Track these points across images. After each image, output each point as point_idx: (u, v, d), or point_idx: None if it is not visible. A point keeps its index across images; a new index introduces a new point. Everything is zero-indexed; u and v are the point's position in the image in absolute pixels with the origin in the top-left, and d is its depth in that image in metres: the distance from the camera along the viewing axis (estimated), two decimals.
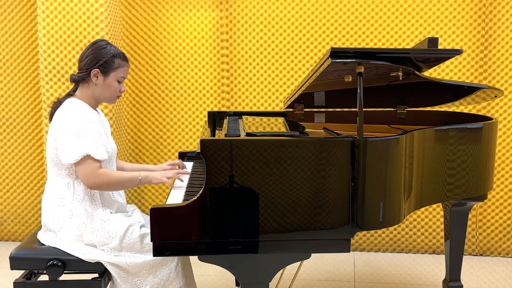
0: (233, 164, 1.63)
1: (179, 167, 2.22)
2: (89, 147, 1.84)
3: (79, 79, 1.96)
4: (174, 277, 1.93)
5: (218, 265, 1.72)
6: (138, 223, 1.96)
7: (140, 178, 1.92)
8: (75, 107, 1.91)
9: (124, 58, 1.99)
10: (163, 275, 1.91)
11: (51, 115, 1.97)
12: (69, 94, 2.00)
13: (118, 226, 1.89)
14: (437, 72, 3.15)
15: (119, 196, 2.08)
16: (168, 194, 1.92)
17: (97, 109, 2.07)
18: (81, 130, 1.85)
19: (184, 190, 1.96)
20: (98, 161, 1.87)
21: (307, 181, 1.66)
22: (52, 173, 1.96)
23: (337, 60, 1.70)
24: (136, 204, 3.46)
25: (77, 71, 2.00)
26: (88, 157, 1.84)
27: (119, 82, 1.98)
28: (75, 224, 1.88)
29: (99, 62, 1.93)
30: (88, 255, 1.86)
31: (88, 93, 1.98)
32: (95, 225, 1.89)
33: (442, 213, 3.23)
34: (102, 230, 1.88)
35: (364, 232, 3.29)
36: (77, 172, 1.88)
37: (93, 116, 1.95)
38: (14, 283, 1.87)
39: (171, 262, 1.92)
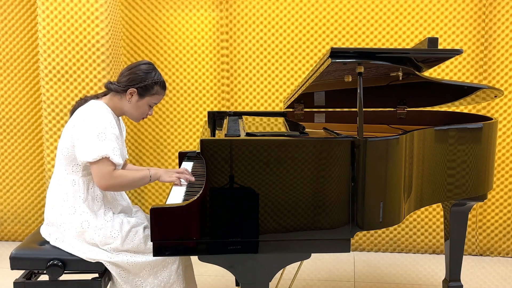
0: (233, 164, 1.63)
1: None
2: (108, 149, 1.84)
3: (114, 90, 1.97)
4: (175, 279, 1.92)
5: (218, 265, 1.72)
6: (142, 224, 1.96)
7: (150, 175, 1.93)
8: (99, 109, 1.91)
9: (163, 87, 2.01)
10: (163, 277, 1.90)
11: (73, 110, 1.98)
12: (97, 97, 2.01)
13: (120, 226, 1.89)
14: (437, 72, 3.15)
15: (122, 199, 2.08)
16: (168, 194, 1.92)
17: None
18: (102, 133, 1.85)
19: (184, 190, 1.96)
20: (114, 164, 1.87)
21: (307, 181, 1.66)
22: (59, 168, 1.97)
23: (337, 60, 1.70)
24: (136, 204, 3.46)
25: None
26: (106, 159, 1.84)
27: (150, 106, 2.00)
28: (78, 221, 1.89)
29: (140, 84, 1.94)
30: (89, 254, 1.86)
31: (117, 104, 1.99)
32: (98, 224, 1.89)
33: (442, 213, 3.23)
34: (104, 229, 1.88)
35: (364, 232, 3.29)
36: (92, 173, 1.87)
37: (114, 122, 1.95)
38: (14, 283, 1.87)
39: (172, 264, 1.92)
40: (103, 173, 1.84)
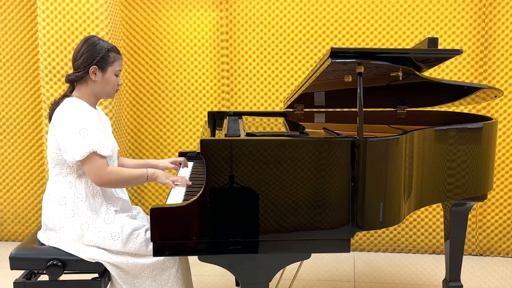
0: (233, 164, 1.63)
1: (181, 164, 2.26)
2: (93, 143, 1.84)
3: (77, 78, 1.95)
4: (173, 283, 1.92)
5: (218, 265, 1.72)
6: (144, 227, 1.94)
7: (147, 175, 1.94)
8: (74, 105, 1.90)
9: (117, 51, 2.00)
10: (161, 280, 1.90)
11: (50, 116, 1.97)
12: (66, 95, 1.99)
13: (121, 229, 1.88)
14: (437, 72, 3.15)
15: (122, 192, 2.07)
16: (168, 194, 1.92)
17: (96, 107, 2.07)
18: (83, 128, 1.84)
19: (184, 190, 1.96)
20: (104, 157, 1.87)
21: (307, 181, 1.66)
22: (53, 173, 1.96)
23: (337, 60, 1.70)
24: (136, 204, 3.46)
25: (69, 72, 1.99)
26: (94, 154, 1.84)
27: (116, 75, 2.00)
28: (77, 223, 1.88)
29: (96, 59, 1.93)
30: (89, 253, 1.86)
31: (87, 91, 1.97)
32: (97, 225, 1.88)
33: (442, 213, 3.23)
34: (104, 231, 1.87)
35: (364, 232, 3.29)
36: (85, 171, 1.87)
37: (93, 114, 1.94)
38: (14, 283, 1.87)
39: (171, 268, 1.92)
40: (96, 169, 1.84)
